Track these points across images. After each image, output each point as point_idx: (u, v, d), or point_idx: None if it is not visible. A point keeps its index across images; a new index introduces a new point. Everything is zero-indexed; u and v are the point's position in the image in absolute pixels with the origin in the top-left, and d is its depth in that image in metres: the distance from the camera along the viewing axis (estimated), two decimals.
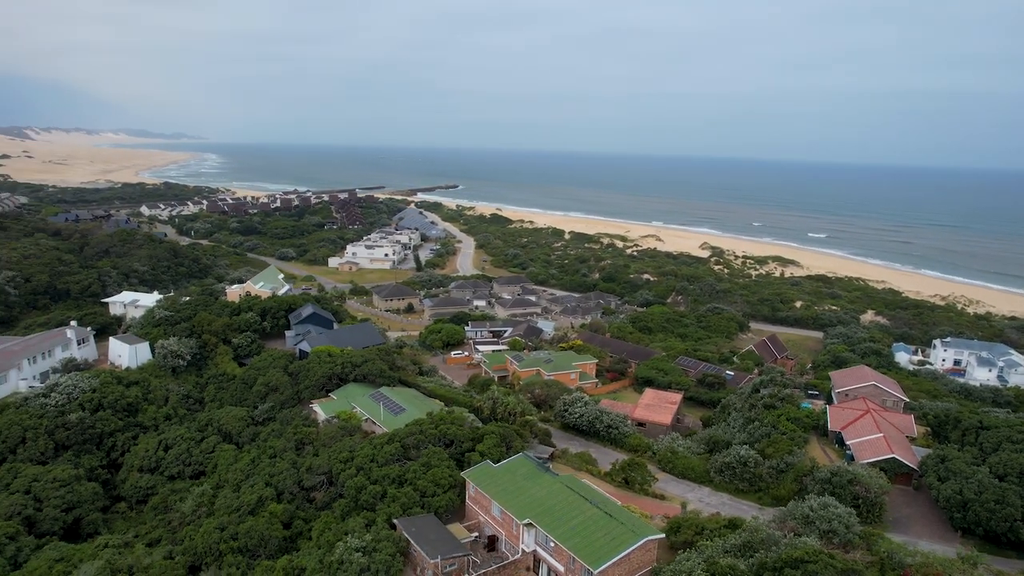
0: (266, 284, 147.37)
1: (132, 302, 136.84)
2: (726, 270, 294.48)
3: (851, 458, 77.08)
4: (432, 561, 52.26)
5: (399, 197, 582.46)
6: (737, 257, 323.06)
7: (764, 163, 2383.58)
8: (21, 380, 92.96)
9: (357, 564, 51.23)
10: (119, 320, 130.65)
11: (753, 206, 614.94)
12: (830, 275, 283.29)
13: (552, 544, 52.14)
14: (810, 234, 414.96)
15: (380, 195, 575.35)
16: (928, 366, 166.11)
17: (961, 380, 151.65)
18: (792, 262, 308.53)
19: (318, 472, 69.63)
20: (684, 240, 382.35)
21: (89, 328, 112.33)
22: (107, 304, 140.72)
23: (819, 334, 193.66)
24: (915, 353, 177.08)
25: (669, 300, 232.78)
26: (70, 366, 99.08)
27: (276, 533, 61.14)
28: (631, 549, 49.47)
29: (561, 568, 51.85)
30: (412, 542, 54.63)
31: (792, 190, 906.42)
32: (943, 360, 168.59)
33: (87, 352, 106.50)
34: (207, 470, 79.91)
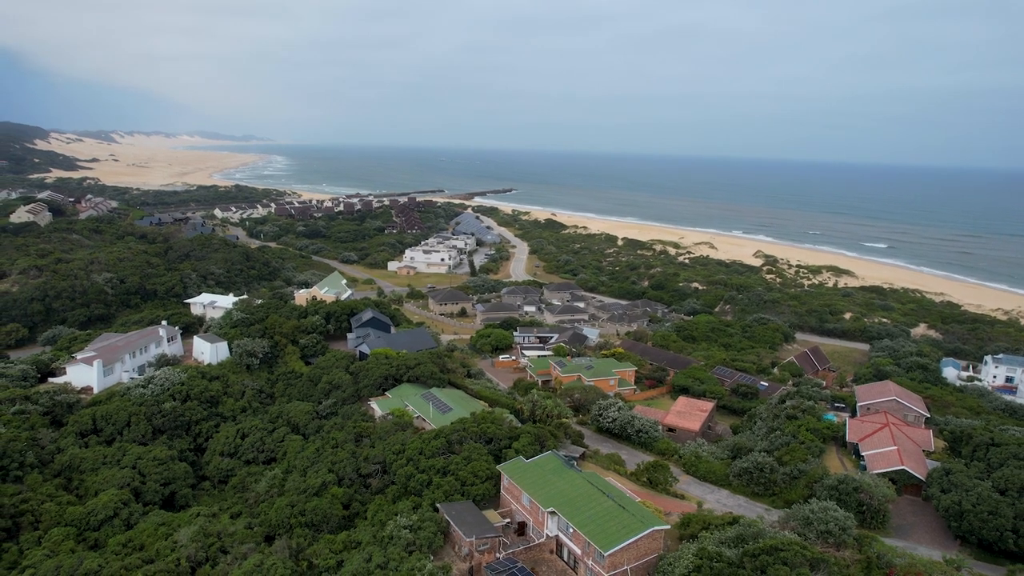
0: (330, 289, 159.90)
1: (210, 303, 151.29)
2: (778, 279, 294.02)
3: (865, 468, 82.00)
4: (468, 540, 61.07)
5: (456, 201, 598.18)
6: (791, 266, 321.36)
7: (829, 165, 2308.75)
8: (124, 372, 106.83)
9: (404, 539, 60.52)
10: (199, 320, 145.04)
11: (812, 212, 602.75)
12: (885, 286, 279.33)
13: (571, 530, 60.08)
14: (868, 243, 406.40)
15: (439, 199, 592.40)
16: (977, 382, 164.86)
17: (1009, 398, 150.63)
18: (847, 272, 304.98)
19: (374, 461, 79.45)
20: (738, 248, 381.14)
21: (177, 327, 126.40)
22: (189, 304, 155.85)
23: (866, 347, 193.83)
24: (965, 369, 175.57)
25: (717, 309, 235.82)
26: (162, 361, 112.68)
27: (337, 512, 71.22)
28: (638, 537, 56.89)
29: (579, 551, 59.75)
30: (452, 523, 63.56)
31: (856, 195, 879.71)
32: (994, 377, 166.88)
33: (175, 349, 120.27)
34: (278, 456, 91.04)
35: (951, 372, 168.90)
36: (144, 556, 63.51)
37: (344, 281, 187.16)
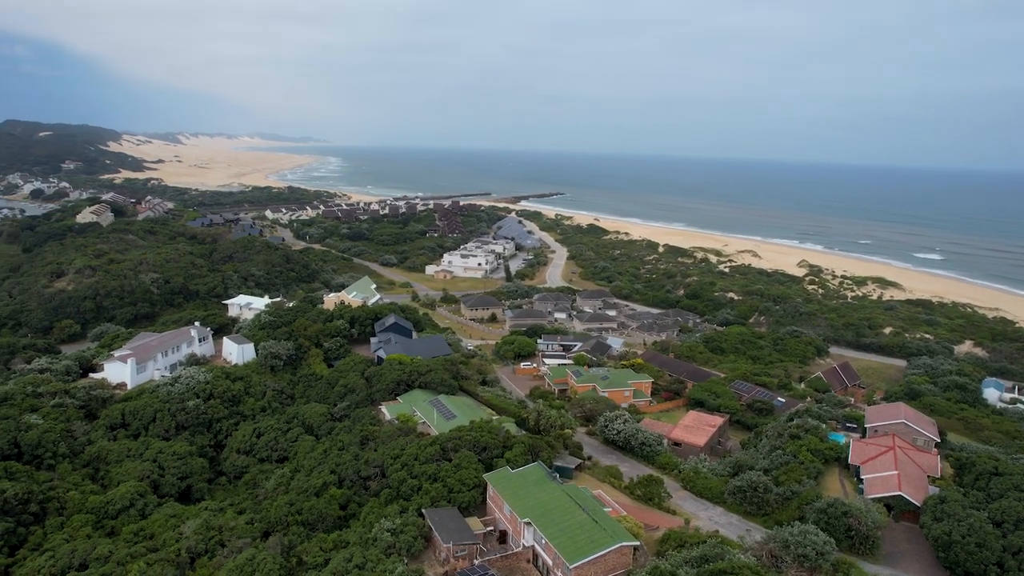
0: (359, 294, 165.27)
1: (246, 304, 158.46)
2: (820, 290, 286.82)
3: (863, 491, 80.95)
4: (445, 545, 63.68)
5: (501, 205, 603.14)
6: (835, 277, 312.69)
7: (888, 169, 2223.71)
8: (156, 370, 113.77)
9: (385, 541, 63.55)
10: (234, 320, 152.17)
11: (863, 220, 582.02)
12: (935, 300, 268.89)
13: (544, 541, 61.99)
14: (920, 254, 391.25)
15: (484, 202, 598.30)
16: (1021, 405, 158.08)
17: None
18: (894, 284, 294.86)
19: (373, 465, 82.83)
20: (783, 256, 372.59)
21: (208, 328, 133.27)
22: (227, 306, 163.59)
23: (904, 363, 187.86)
24: (1010, 390, 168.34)
25: (751, 320, 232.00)
26: (192, 360, 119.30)
27: (333, 512, 74.80)
28: (606, 551, 58.40)
29: (550, 562, 61.57)
30: (433, 529, 66.28)
31: (911, 202, 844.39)
32: None
33: (206, 348, 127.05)
34: (290, 456, 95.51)
35: (992, 393, 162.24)
36: (150, 545, 68.37)
37: (373, 286, 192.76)
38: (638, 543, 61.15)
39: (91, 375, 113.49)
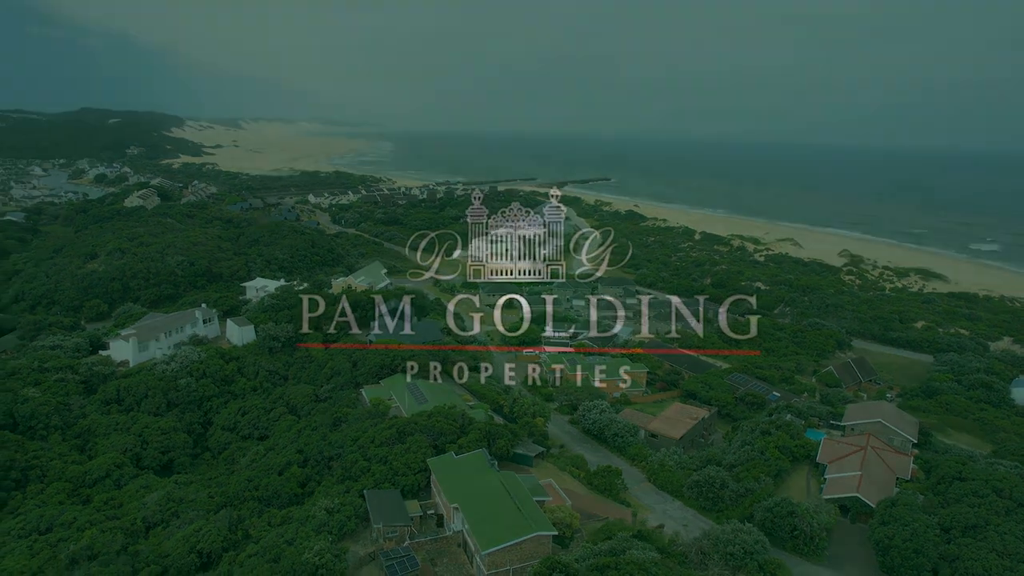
0: (366, 279, 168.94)
1: (262, 287, 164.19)
2: (858, 281, 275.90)
3: (823, 491, 79.01)
4: (376, 526, 65.72)
5: (543, 190, 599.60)
6: (876, 267, 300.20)
7: (965, 154, 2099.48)
8: (158, 350, 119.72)
9: (320, 519, 66.04)
10: (247, 303, 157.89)
11: (923, 207, 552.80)
12: (981, 293, 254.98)
13: (467, 526, 63.26)
14: (975, 245, 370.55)
15: (526, 187, 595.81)
16: None
17: None
18: (938, 276, 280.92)
19: (337, 446, 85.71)
20: (824, 245, 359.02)
21: (214, 310, 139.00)
22: (244, 288, 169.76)
23: (932, 359, 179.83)
24: None
25: (775, 311, 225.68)
26: (195, 341, 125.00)
27: (289, 489, 77.93)
28: (520, 540, 59.18)
29: (473, 547, 62.85)
30: (369, 510, 68.37)
31: (987, 188, 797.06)
32: None
33: (211, 330, 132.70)
34: (270, 434, 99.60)
35: (1021, 393, 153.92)
36: (113, 513, 72.92)
37: (384, 271, 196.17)
38: (555, 532, 61.66)
39: (100, 352, 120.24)
